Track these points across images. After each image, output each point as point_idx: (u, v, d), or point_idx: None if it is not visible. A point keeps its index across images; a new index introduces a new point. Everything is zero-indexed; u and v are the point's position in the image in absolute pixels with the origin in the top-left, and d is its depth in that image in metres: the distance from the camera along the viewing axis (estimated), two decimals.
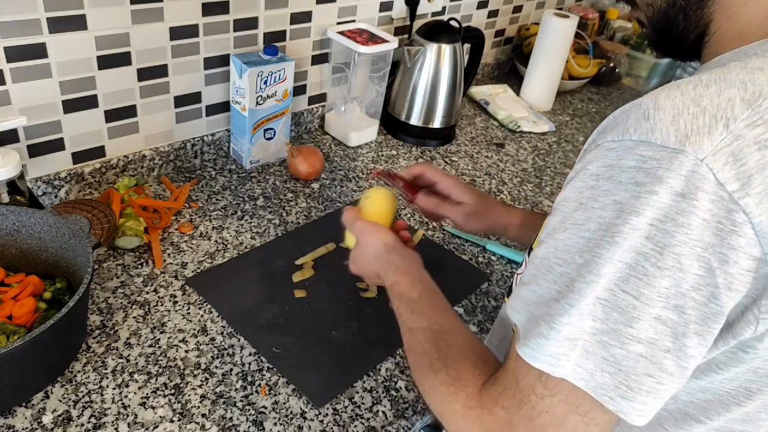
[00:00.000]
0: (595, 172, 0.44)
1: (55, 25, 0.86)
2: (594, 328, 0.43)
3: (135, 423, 0.68)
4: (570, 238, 0.45)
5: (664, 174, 0.40)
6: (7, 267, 0.78)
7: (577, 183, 0.46)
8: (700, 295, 0.41)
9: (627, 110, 0.46)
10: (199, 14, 1.02)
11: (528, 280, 0.48)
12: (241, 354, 0.78)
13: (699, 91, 0.43)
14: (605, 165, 0.44)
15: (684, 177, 0.40)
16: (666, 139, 0.41)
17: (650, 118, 0.43)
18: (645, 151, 0.42)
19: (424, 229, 1.07)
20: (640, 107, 0.44)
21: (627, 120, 0.44)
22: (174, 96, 1.07)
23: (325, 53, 1.27)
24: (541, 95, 1.62)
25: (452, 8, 1.50)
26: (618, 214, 0.42)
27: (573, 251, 0.44)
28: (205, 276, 0.89)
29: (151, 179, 1.09)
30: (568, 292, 0.44)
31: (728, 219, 0.40)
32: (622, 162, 0.43)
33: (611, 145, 0.44)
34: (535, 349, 0.45)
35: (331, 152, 1.27)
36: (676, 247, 0.40)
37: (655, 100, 0.44)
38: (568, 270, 0.45)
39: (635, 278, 0.41)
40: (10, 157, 0.81)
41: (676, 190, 0.40)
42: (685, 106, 0.42)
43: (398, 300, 0.66)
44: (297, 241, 0.99)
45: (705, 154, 0.40)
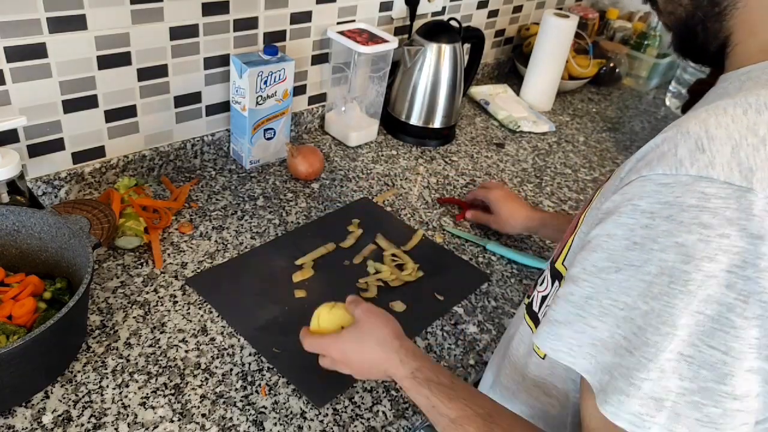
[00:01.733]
0: (647, 210, 0.42)
1: (55, 25, 0.86)
2: (682, 388, 0.40)
3: (135, 423, 0.68)
4: (627, 280, 0.42)
5: (734, 215, 0.38)
6: (7, 267, 0.77)
7: (624, 219, 0.43)
8: None
9: (673, 139, 0.43)
10: (199, 14, 1.02)
11: (570, 320, 0.46)
12: (241, 354, 0.78)
13: (751, 117, 0.41)
14: (660, 202, 0.41)
15: (757, 217, 0.38)
16: (729, 175, 0.39)
17: (706, 149, 0.40)
18: (707, 188, 0.39)
19: (424, 229, 1.07)
20: (689, 136, 0.42)
21: (677, 150, 0.41)
22: (174, 96, 1.07)
23: (325, 53, 1.27)
24: (541, 95, 1.62)
25: (452, 8, 1.50)
26: (685, 258, 0.39)
27: (633, 294, 0.42)
28: (205, 276, 0.89)
29: (151, 179, 1.09)
30: (642, 345, 0.41)
31: None
32: (681, 200, 0.40)
33: (664, 180, 0.41)
34: (616, 407, 0.42)
35: (331, 152, 1.27)
36: (761, 294, 0.38)
37: (706, 128, 0.41)
38: (632, 315, 0.42)
39: (721, 332, 0.39)
40: (10, 157, 0.81)
41: (752, 232, 0.38)
42: (742, 136, 0.40)
43: (427, 388, 0.59)
44: (297, 241, 0.99)
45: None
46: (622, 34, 1.94)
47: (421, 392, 0.59)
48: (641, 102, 1.80)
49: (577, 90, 1.78)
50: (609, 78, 1.82)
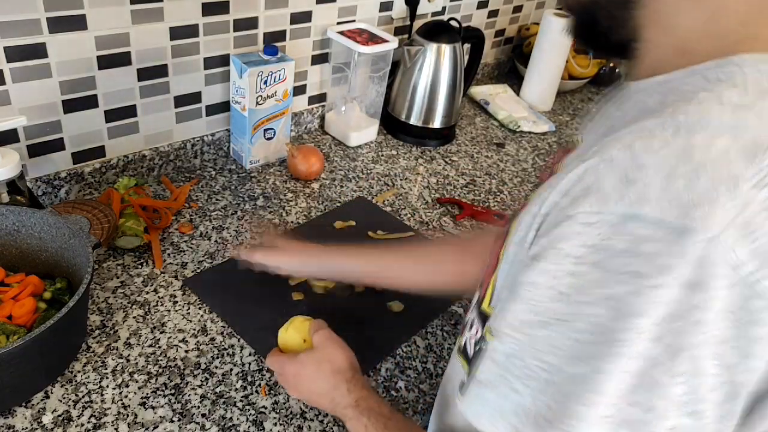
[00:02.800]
0: (573, 254, 0.36)
1: (55, 25, 0.86)
2: None
3: (135, 423, 0.68)
4: (555, 339, 0.37)
5: (669, 261, 0.33)
6: (7, 267, 0.77)
7: (548, 266, 0.38)
8: (717, 396, 0.35)
9: (595, 168, 0.37)
10: (199, 14, 1.02)
11: (493, 381, 0.41)
12: (241, 354, 0.78)
13: (682, 141, 0.35)
14: (586, 245, 0.36)
15: (692, 264, 0.33)
16: (664, 213, 0.33)
17: (633, 182, 0.35)
18: (638, 229, 0.34)
19: (424, 229, 1.07)
20: (613, 165, 0.36)
21: (601, 183, 0.36)
22: (174, 96, 1.07)
23: (325, 53, 1.27)
24: (541, 95, 1.62)
25: (452, 8, 1.50)
26: (616, 314, 0.35)
27: (560, 355, 0.37)
28: (203, 277, 0.89)
29: (151, 179, 1.09)
30: (565, 416, 0.37)
31: (745, 308, 0.33)
32: (609, 243, 0.35)
33: (588, 219, 0.36)
34: None
35: (331, 152, 1.27)
36: (691, 350, 0.34)
37: (632, 154, 0.36)
38: (557, 379, 0.37)
39: (643, 390, 0.35)
40: (10, 157, 0.81)
41: (687, 279, 0.33)
42: (674, 165, 0.34)
43: (366, 417, 0.59)
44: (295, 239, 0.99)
45: (714, 231, 0.33)
46: None
47: (360, 420, 0.60)
48: None
49: (577, 90, 1.78)
50: (609, 78, 1.82)
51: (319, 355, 0.66)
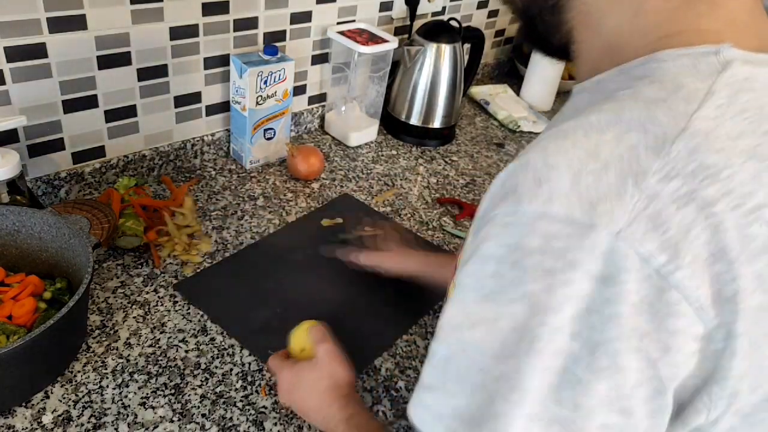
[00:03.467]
0: (492, 255, 0.37)
1: (55, 25, 0.86)
2: None
3: (135, 423, 0.68)
4: (482, 340, 0.37)
5: (576, 257, 0.34)
6: (7, 267, 0.77)
7: (473, 267, 0.38)
8: (644, 392, 0.35)
9: (513, 171, 0.38)
10: (199, 14, 1.02)
11: (432, 383, 0.41)
12: (241, 354, 0.78)
13: (593, 139, 0.36)
14: (503, 245, 0.36)
15: (602, 258, 0.33)
16: (569, 211, 0.34)
17: (543, 182, 0.35)
18: (547, 227, 0.34)
19: (425, 229, 1.07)
20: (527, 167, 0.37)
21: (516, 185, 0.37)
22: (174, 96, 1.07)
23: (325, 53, 1.27)
24: (541, 95, 1.62)
25: (452, 8, 1.51)
26: (532, 312, 0.35)
27: (487, 357, 0.37)
28: (192, 281, 0.88)
29: (151, 179, 1.09)
30: (491, 417, 0.36)
31: (660, 300, 0.33)
32: (523, 242, 0.35)
33: (505, 220, 0.37)
34: None
35: (331, 152, 1.27)
36: (608, 344, 0.33)
37: (544, 156, 0.36)
38: (485, 381, 0.37)
39: (567, 387, 0.34)
40: (10, 157, 0.81)
41: (597, 273, 0.33)
42: (583, 163, 0.35)
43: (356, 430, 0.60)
44: (281, 240, 0.99)
45: (620, 225, 0.33)
46: None
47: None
48: None
49: None
50: None
51: (320, 370, 0.66)
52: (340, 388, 0.65)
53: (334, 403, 0.63)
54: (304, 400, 0.66)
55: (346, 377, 0.66)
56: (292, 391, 0.67)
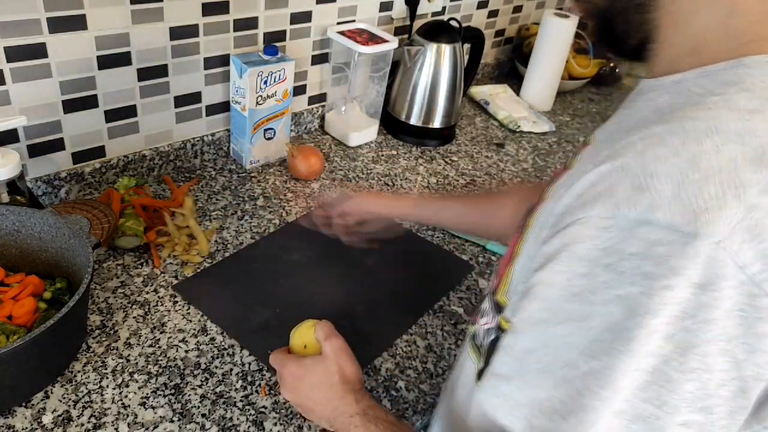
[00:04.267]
0: (585, 256, 0.38)
1: (55, 25, 0.86)
2: None
3: (135, 423, 0.68)
4: (569, 336, 0.39)
5: (679, 264, 0.35)
6: (7, 267, 0.77)
7: (560, 267, 0.39)
8: (727, 391, 0.36)
9: (608, 175, 0.39)
10: (199, 14, 1.02)
11: (510, 374, 0.43)
12: (241, 354, 0.78)
13: (692, 148, 0.37)
14: (598, 249, 0.37)
15: (702, 266, 0.35)
16: (675, 218, 0.35)
17: (645, 189, 0.36)
18: (650, 234, 0.36)
19: (425, 228, 1.07)
20: (625, 172, 0.38)
21: (614, 189, 0.38)
22: (174, 96, 1.07)
23: (325, 53, 1.27)
24: (541, 95, 1.62)
25: (452, 8, 1.51)
26: (628, 314, 0.36)
27: (575, 352, 0.39)
28: (192, 281, 0.88)
29: (151, 179, 1.09)
30: (578, 410, 0.38)
31: (752, 306, 0.35)
32: (621, 247, 0.36)
33: (601, 223, 0.37)
34: None
35: (331, 152, 1.27)
36: (700, 347, 0.35)
37: (643, 162, 0.37)
38: (571, 375, 0.39)
39: (656, 386, 0.36)
40: (10, 157, 0.81)
41: (694, 281, 0.35)
42: (683, 173, 0.36)
43: (375, 424, 0.60)
44: (282, 241, 0.99)
45: (722, 235, 0.34)
46: None
47: (369, 428, 0.60)
48: None
49: (577, 90, 1.78)
50: (609, 78, 1.82)
51: (329, 365, 0.65)
52: (351, 383, 0.64)
53: (346, 396, 0.62)
54: (311, 393, 0.65)
55: (356, 373, 0.65)
56: (298, 384, 0.65)
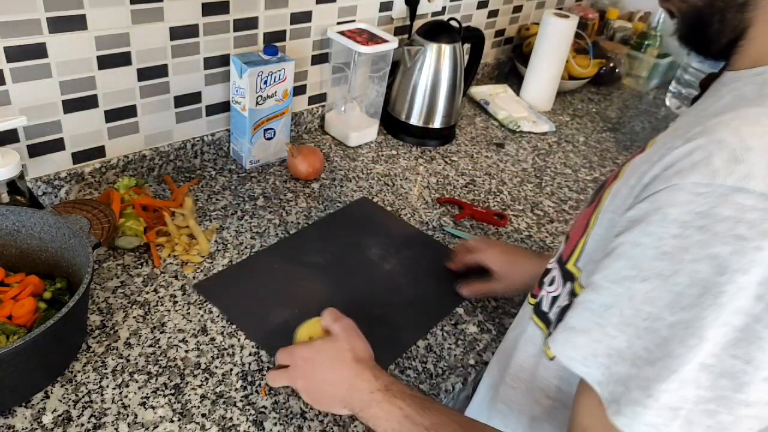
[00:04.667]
0: (679, 219, 0.41)
1: (55, 25, 0.86)
2: (699, 396, 0.40)
3: (135, 423, 0.68)
4: (653, 291, 0.42)
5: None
6: (7, 267, 0.77)
7: (653, 228, 0.42)
8: None
9: (705, 147, 0.42)
10: (199, 14, 1.02)
11: (588, 328, 0.46)
12: (241, 354, 0.78)
13: None
14: (693, 212, 0.40)
15: None
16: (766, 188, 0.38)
17: (742, 160, 0.39)
18: (744, 200, 0.39)
19: (424, 229, 1.07)
20: (723, 145, 0.41)
21: (711, 160, 0.41)
22: (174, 96, 1.07)
23: (325, 53, 1.27)
24: (541, 95, 1.62)
25: (452, 8, 1.51)
26: (720, 270, 0.39)
27: (660, 305, 0.41)
28: (212, 281, 0.88)
29: (151, 179, 1.09)
30: (665, 356, 0.41)
31: None
32: (717, 210, 0.39)
33: (698, 189, 0.40)
34: (631, 418, 0.42)
35: (331, 152, 1.27)
36: None
37: (740, 137, 0.41)
38: (657, 326, 0.41)
39: (746, 341, 0.39)
40: (10, 157, 0.80)
41: None
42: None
43: (401, 399, 0.59)
44: (301, 242, 0.99)
45: None
46: (622, 34, 1.94)
47: (395, 403, 0.59)
48: (641, 102, 1.80)
49: (577, 90, 1.78)
50: (609, 78, 1.82)
51: (341, 343, 0.65)
52: (364, 360, 0.64)
53: (363, 373, 0.62)
54: (324, 374, 0.64)
55: (368, 351, 0.65)
56: (309, 367, 0.64)
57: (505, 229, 1.11)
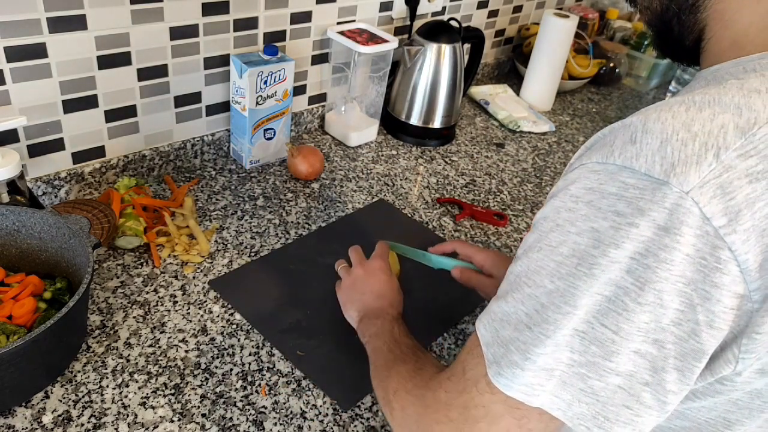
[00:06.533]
0: (575, 194, 0.43)
1: (55, 25, 0.86)
2: (572, 360, 0.42)
3: (135, 423, 0.68)
4: (541, 259, 0.44)
5: (646, 206, 0.39)
6: (7, 267, 0.77)
7: (556, 202, 0.45)
8: (680, 330, 0.40)
9: (615, 130, 0.44)
10: (199, 14, 1.02)
11: (499, 295, 0.48)
12: (241, 354, 0.78)
13: (691, 114, 0.41)
14: (586, 188, 0.42)
15: (667, 210, 0.38)
16: (650, 168, 0.39)
17: (637, 141, 0.41)
18: (628, 178, 0.40)
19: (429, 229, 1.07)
20: (628, 128, 0.42)
21: (614, 141, 0.42)
22: (174, 96, 1.07)
23: (325, 53, 1.27)
24: (541, 95, 1.62)
25: (452, 8, 1.50)
26: (595, 243, 0.41)
27: (543, 273, 0.44)
28: (227, 278, 0.89)
29: (151, 179, 1.09)
30: (542, 322, 0.43)
31: (713, 256, 0.38)
32: (604, 187, 0.41)
33: (595, 167, 0.42)
34: (510, 379, 0.44)
35: (331, 152, 1.27)
36: (657, 283, 0.39)
37: (645, 121, 0.42)
38: (536, 293, 0.44)
39: (614, 312, 0.40)
40: (10, 157, 0.81)
41: (659, 224, 0.39)
42: (675, 131, 0.40)
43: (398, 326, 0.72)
44: (315, 243, 0.99)
45: (691, 186, 0.38)
46: (622, 34, 1.94)
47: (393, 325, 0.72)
48: (641, 102, 1.80)
49: (577, 90, 1.78)
50: (609, 78, 1.82)
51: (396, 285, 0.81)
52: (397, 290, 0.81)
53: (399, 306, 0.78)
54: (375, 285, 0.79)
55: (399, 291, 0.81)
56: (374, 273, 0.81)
57: (505, 229, 1.11)
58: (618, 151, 0.41)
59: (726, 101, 0.41)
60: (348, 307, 0.80)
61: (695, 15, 0.51)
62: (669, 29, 0.54)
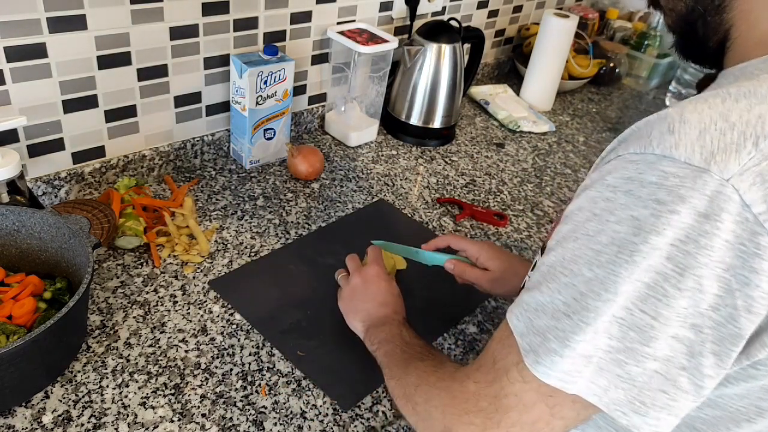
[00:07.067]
0: (612, 184, 0.43)
1: (55, 25, 0.86)
2: (609, 346, 0.42)
3: (135, 423, 0.68)
4: (578, 249, 0.44)
5: (687, 193, 0.39)
6: (7, 267, 0.77)
7: (592, 193, 0.45)
8: (718, 316, 0.40)
9: (652, 122, 0.44)
10: (199, 14, 1.02)
11: (531, 286, 0.48)
12: (241, 354, 0.78)
13: (728, 105, 0.42)
14: (624, 177, 0.43)
15: (708, 197, 0.39)
16: (690, 156, 0.40)
17: (675, 131, 0.41)
18: (668, 167, 0.41)
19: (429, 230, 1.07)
20: (665, 119, 0.43)
21: (651, 132, 0.43)
22: (174, 96, 1.07)
23: (325, 53, 1.27)
24: (541, 95, 1.62)
25: (452, 8, 1.50)
26: (636, 231, 0.41)
27: (581, 262, 0.44)
28: (228, 278, 0.89)
29: (151, 179, 1.09)
30: (582, 309, 0.43)
31: (752, 242, 0.39)
32: (643, 176, 0.42)
33: (633, 158, 0.43)
34: (549, 366, 0.44)
35: (331, 152, 1.27)
36: (697, 269, 0.40)
37: (681, 112, 0.42)
38: (575, 281, 0.44)
39: (654, 298, 0.41)
40: (10, 157, 0.81)
41: (699, 210, 0.39)
42: (713, 121, 0.41)
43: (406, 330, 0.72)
44: (315, 243, 0.99)
45: (731, 174, 0.39)
46: (622, 34, 1.94)
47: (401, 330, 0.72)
48: (641, 102, 1.80)
49: (577, 90, 1.78)
50: (609, 78, 1.82)
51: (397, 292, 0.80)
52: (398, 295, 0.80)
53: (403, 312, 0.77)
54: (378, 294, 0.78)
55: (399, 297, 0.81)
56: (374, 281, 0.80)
57: (505, 229, 1.11)
58: (656, 141, 0.42)
59: (762, 93, 0.42)
60: (351, 318, 0.79)
61: (721, 15, 0.52)
62: (693, 31, 0.55)
